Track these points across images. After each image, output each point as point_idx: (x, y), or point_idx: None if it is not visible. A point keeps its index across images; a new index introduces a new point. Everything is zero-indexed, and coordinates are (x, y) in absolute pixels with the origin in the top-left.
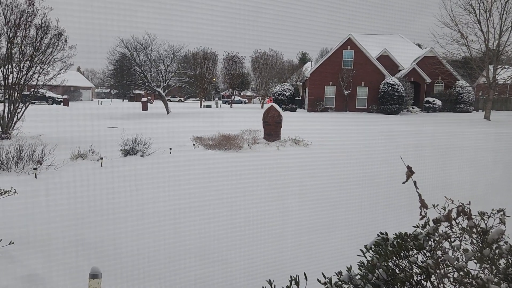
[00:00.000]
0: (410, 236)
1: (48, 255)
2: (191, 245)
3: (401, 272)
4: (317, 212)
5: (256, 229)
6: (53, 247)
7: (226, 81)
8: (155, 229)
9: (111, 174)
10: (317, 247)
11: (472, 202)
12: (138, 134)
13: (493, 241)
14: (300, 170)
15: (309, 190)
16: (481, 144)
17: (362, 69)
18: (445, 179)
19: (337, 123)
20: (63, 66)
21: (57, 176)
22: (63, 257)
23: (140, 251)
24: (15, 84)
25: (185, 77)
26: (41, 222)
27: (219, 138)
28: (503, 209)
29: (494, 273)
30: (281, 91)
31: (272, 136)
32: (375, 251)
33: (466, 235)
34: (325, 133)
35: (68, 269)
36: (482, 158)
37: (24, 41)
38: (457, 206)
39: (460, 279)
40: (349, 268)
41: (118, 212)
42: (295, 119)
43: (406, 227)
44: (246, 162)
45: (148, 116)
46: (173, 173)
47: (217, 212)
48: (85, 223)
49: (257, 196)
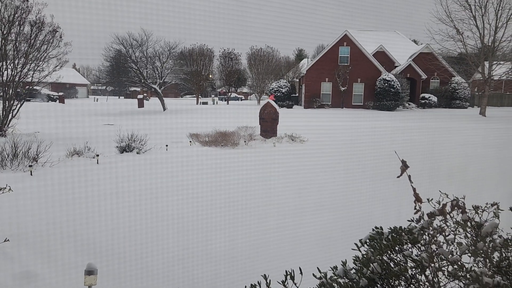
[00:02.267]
0: (404, 230)
1: (44, 252)
2: (189, 240)
3: (395, 266)
4: (314, 209)
5: (250, 223)
6: (48, 244)
7: (222, 78)
8: (151, 225)
9: (107, 171)
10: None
11: (466, 196)
12: (134, 131)
13: (487, 235)
14: (297, 166)
15: (305, 185)
16: (477, 139)
17: (358, 66)
18: (441, 173)
19: (333, 120)
20: (58, 63)
21: (52, 173)
22: (58, 254)
23: (137, 248)
24: (10, 81)
25: (181, 74)
26: (36, 219)
27: (216, 134)
28: (497, 203)
29: (488, 266)
30: (277, 87)
31: (269, 132)
32: (370, 245)
33: (460, 228)
34: (321, 129)
35: (64, 265)
36: (478, 153)
37: (19, 37)
38: (452, 200)
39: (454, 272)
40: (344, 262)
41: (113, 209)
42: (291, 116)
43: (394, 218)
44: (242, 159)
45: (144, 113)
46: (169, 170)
47: (215, 208)
48: (81, 220)
49: (252, 192)
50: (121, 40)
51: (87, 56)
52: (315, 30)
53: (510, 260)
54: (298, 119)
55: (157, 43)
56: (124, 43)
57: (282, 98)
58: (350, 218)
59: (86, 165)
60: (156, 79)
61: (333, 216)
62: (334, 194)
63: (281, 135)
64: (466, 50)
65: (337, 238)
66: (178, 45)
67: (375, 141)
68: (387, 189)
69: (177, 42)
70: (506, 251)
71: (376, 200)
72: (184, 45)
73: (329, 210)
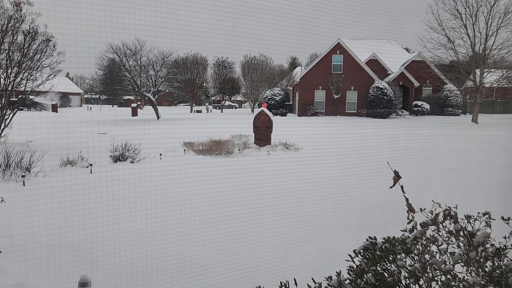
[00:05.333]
0: (398, 240)
1: (37, 263)
2: (186, 249)
3: (389, 276)
4: (306, 220)
5: (247, 237)
6: (41, 256)
7: (216, 86)
8: (146, 236)
9: (100, 181)
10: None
11: (459, 206)
12: (128, 140)
13: (479, 244)
14: (291, 175)
15: (300, 195)
16: (469, 146)
17: (351, 74)
18: (434, 183)
19: (327, 127)
20: (51, 72)
21: (45, 184)
22: (52, 266)
23: (132, 259)
24: (3, 91)
25: (175, 83)
26: (29, 230)
27: (210, 143)
28: (488, 212)
29: (481, 276)
30: (271, 95)
31: (263, 140)
32: (364, 256)
33: (453, 238)
34: (315, 137)
35: (57, 277)
36: (471, 161)
37: (12, 47)
38: (444, 209)
39: (448, 282)
40: (338, 273)
41: (107, 220)
42: (285, 124)
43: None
44: (236, 167)
45: (138, 121)
46: (163, 179)
47: (213, 217)
48: (74, 231)
49: (246, 200)
50: (115, 49)
51: (81, 65)
52: (308, 38)
53: (503, 269)
54: (292, 127)
55: (151, 51)
56: (118, 52)
57: (276, 106)
58: (348, 226)
59: (80, 175)
60: (150, 87)
61: (332, 221)
62: (329, 201)
63: (275, 143)
64: (458, 58)
65: (335, 245)
66: (172, 53)
67: (370, 148)
68: (383, 196)
69: (171, 51)
70: (499, 260)
71: (372, 208)
72: (178, 54)
73: (324, 216)
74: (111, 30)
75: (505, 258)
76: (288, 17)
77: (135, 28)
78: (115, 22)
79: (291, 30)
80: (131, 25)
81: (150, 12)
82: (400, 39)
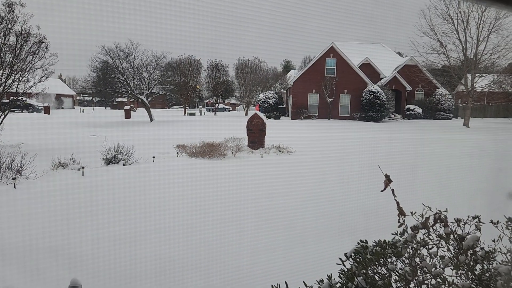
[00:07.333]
0: (388, 243)
1: (27, 267)
2: (176, 253)
3: (380, 280)
4: (300, 220)
5: (245, 239)
6: (32, 259)
7: (210, 88)
8: (138, 239)
9: (92, 183)
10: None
11: (449, 209)
12: (120, 142)
13: (468, 247)
14: (284, 178)
15: (294, 197)
16: (461, 150)
17: (344, 77)
18: (425, 185)
19: (320, 131)
20: (43, 73)
21: (36, 186)
22: (42, 269)
23: (123, 263)
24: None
25: (169, 85)
26: (19, 233)
27: (203, 146)
28: (478, 216)
29: (470, 279)
30: (265, 98)
31: (256, 143)
32: (354, 259)
33: (443, 242)
34: (308, 140)
35: (47, 281)
36: (463, 164)
37: (4, 48)
38: (434, 213)
39: (438, 285)
40: (329, 276)
41: (98, 223)
42: (279, 127)
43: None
44: (229, 170)
45: (131, 124)
46: (156, 182)
47: (207, 219)
48: (65, 235)
49: (241, 203)
50: (108, 51)
51: (74, 66)
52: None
53: (492, 273)
54: (285, 130)
55: (144, 54)
56: (111, 54)
57: (270, 109)
58: (343, 227)
59: (71, 178)
60: (143, 90)
61: (325, 224)
62: (322, 204)
63: (268, 146)
64: (450, 63)
65: (326, 250)
66: (166, 56)
67: (363, 151)
68: (375, 200)
69: (165, 53)
70: (488, 264)
71: (362, 211)
72: (171, 56)
73: (317, 218)
74: (105, 32)
75: (494, 261)
76: (282, 21)
77: (130, 29)
78: (110, 23)
79: (285, 33)
80: (126, 25)
81: (145, 13)
82: (393, 44)
